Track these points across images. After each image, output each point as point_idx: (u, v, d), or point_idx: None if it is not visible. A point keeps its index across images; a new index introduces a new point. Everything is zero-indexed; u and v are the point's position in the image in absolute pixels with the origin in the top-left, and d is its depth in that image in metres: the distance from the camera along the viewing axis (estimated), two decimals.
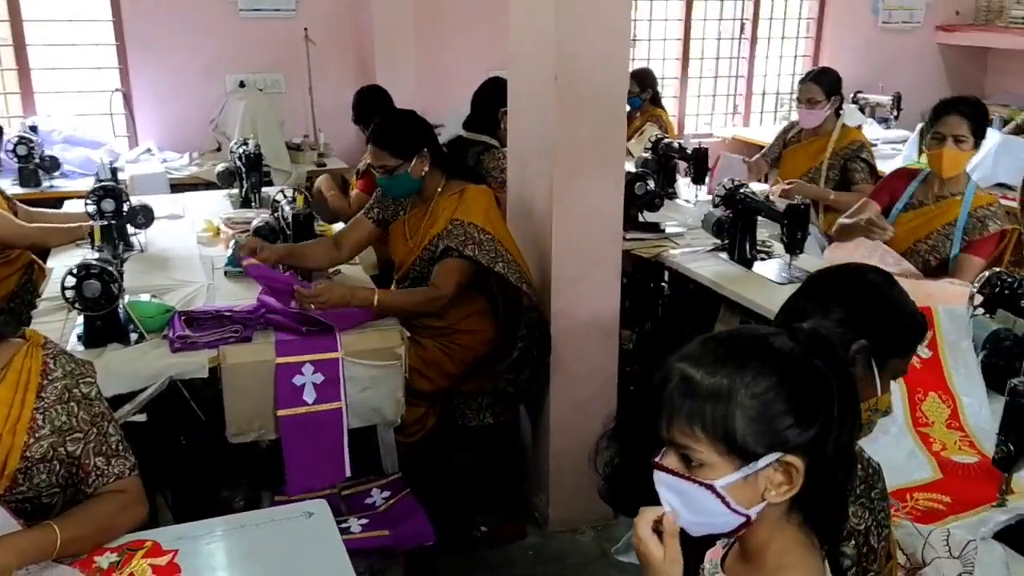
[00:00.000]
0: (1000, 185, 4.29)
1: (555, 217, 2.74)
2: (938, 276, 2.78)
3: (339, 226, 3.79)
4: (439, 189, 2.81)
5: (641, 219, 3.54)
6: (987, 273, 2.14)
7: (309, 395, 2.43)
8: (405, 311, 2.70)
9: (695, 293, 3.22)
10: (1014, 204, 3.87)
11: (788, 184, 3.81)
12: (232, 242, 3.03)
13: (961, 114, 2.84)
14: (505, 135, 3.32)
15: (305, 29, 5.11)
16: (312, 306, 2.44)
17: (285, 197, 3.04)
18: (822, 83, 3.96)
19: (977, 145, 2.86)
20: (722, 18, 6.39)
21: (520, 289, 2.73)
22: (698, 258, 3.22)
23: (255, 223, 3.03)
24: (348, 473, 2.50)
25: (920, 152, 4.73)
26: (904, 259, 2.84)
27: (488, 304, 2.91)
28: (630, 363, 3.88)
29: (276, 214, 3.03)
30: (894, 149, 5.32)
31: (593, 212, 2.77)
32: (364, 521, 2.48)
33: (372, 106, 3.83)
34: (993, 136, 4.56)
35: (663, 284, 3.81)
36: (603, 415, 2.84)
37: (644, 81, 5.27)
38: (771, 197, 3.49)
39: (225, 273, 2.94)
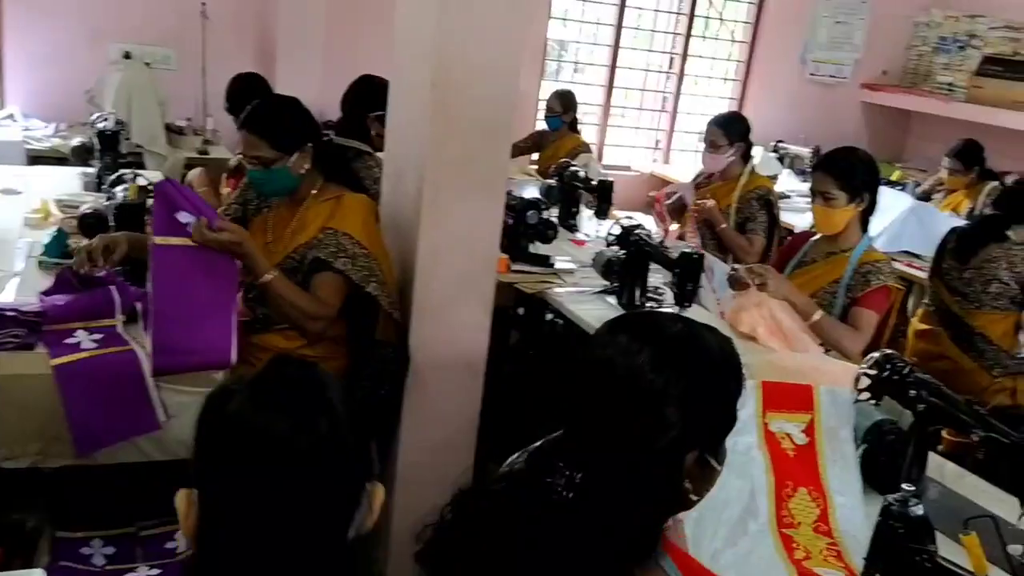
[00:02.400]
0: (906, 253, 4.17)
1: (421, 238, 2.44)
2: None
3: None
4: (313, 192, 2.49)
5: (532, 250, 3.27)
6: (877, 354, 1.92)
7: (87, 344, 2.09)
8: (288, 312, 2.35)
9: (584, 334, 2.96)
10: (914, 271, 3.76)
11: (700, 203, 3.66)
12: (56, 228, 2.64)
13: (826, 171, 2.70)
14: (379, 141, 3.01)
15: (203, 3, 4.72)
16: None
17: (123, 183, 2.66)
18: (726, 128, 3.80)
19: (855, 200, 2.68)
20: (651, 49, 6.23)
21: (390, 316, 2.43)
22: (584, 299, 2.96)
23: (83, 208, 2.64)
24: (162, 418, 2.08)
25: None
26: (795, 318, 2.63)
27: (347, 331, 2.59)
28: (511, 401, 3.62)
29: (109, 201, 2.65)
30: (807, 203, 5.17)
31: (465, 237, 2.48)
32: (154, 572, 2.12)
33: (250, 96, 3.47)
34: (904, 200, 4.46)
35: (556, 321, 3.56)
36: (459, 463, 2.57)
37: (568, 103, 5.05)
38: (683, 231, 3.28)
39: (40, 263, 2.55)
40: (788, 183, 5.51)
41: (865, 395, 1.91)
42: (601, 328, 1.16)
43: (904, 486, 1.26)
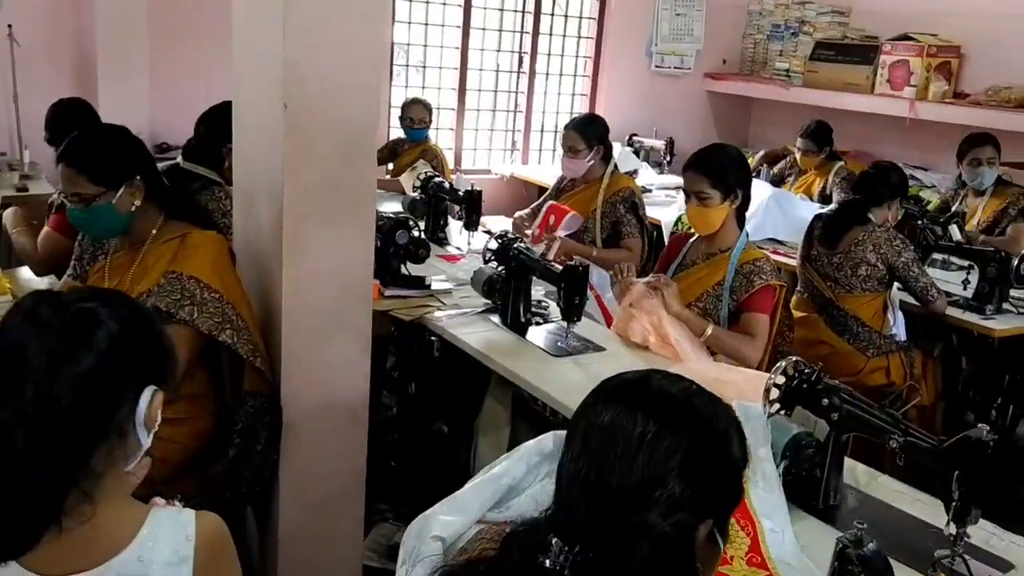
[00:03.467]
0: (771, 240, 4.22)
1: (284, 275, 2.19)
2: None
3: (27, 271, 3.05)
4: (154, 231, 2.20)
5: (404, 271, 3.06)
6: (784, 363, 1.85)
7: None
8: None
9: (465, 354, 2.79)
10: (786, 260, 3.80)
11: (552, 240, 3.51)
12: None
13: (698, 171, 2.65)
14: (231, 174, 2.74)
15: (9, 26, 4.22)
16: None
17: None
18: (584, 131, 3.70)
19: (730, 198, 2.64)
20: (500, 49, 6.11)
21: (252, 365, 2.17)
22: (466, 321, 2.78)
23: None
24: None
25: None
26: (683, 329, 2.56)
27: (211, 384, 2.31)
28: (391, 431, 3.41)
29: None
30: (668, 196, 5.22)
31: (336, 269, 2.25)
32: None
33: (73, 124, 3.09)
34: (763, 189, 4.52)
35: (432, 340, 3.37)
36: (348, 519, 2.33)
37: (431, 112, 4.86)
38: (548, 255, 3.14)
39: None
40: (647, 177, 5.52)
41: (776, 407, 1.83)
42: (591, 397, 1.10)
43: (856, 523, 1.16)
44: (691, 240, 2.84)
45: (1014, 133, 4.98)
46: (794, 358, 1.85)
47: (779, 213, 4.19)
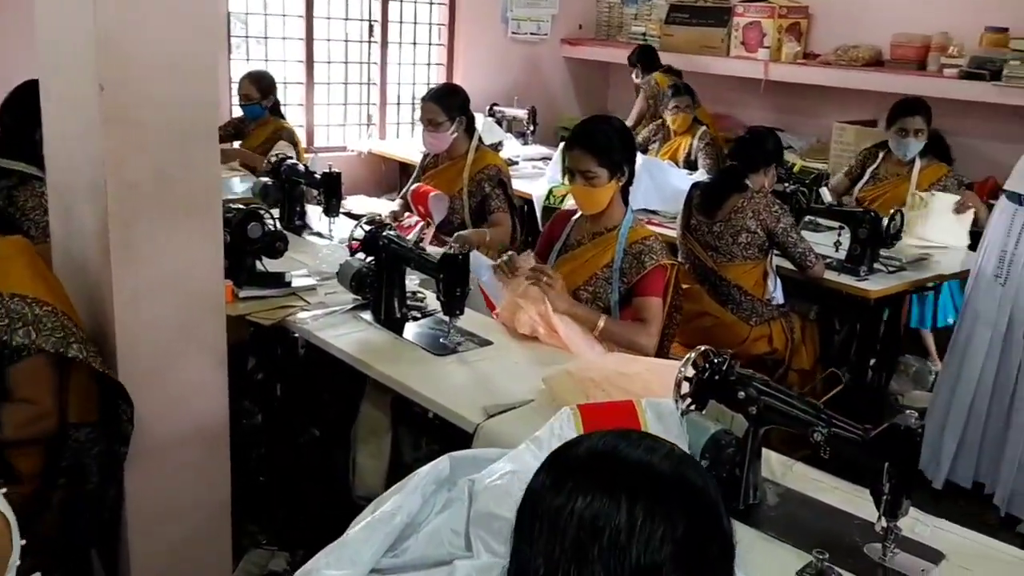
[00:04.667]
0: (644, 210, 4.12)
1: (117, 287, 1.86)
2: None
3: None
4: None
5: (260, 268, 2.74)
6: (693, 354, 1.69)
7: None
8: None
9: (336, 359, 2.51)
10: (664, 231, 3.70)
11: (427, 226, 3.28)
12: None
13: (584, 148, 2.47)
14: None
15: None
16: None
17: None
18: (442, 103, 3.45)
19: (616, 176, 2.49)
20: (348, 17, 5.74)
21: (89, 390, 1.85)
22: (335, 321, 2.50)
23: None
24: None
25: (564, 173, 4.49)
26: (572, 322, 2.39)
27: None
28: (256, 443, 3.09)
29: None
30: (535, 168, 5.05)
31: (178, 276, 1.94)
32: None
33: None
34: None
35: (296, 336, 3.06)
36: (214, 558, 2.03)
37: (265, 86, 4.45)
38: (423, 243, 2.90)
39: None
40: (512, 149, 5.34)
41: (688, 402, 1.68)
42: (548, 476, 0.91)
43: (815, 553, 1.01)
44: (574, 218, 2.67)
45: (863, 92, 5.11)
46: (703, 347, 1.70)
47: (650, 182, 4.08)
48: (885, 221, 3.31)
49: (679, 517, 0.83)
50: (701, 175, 4.48)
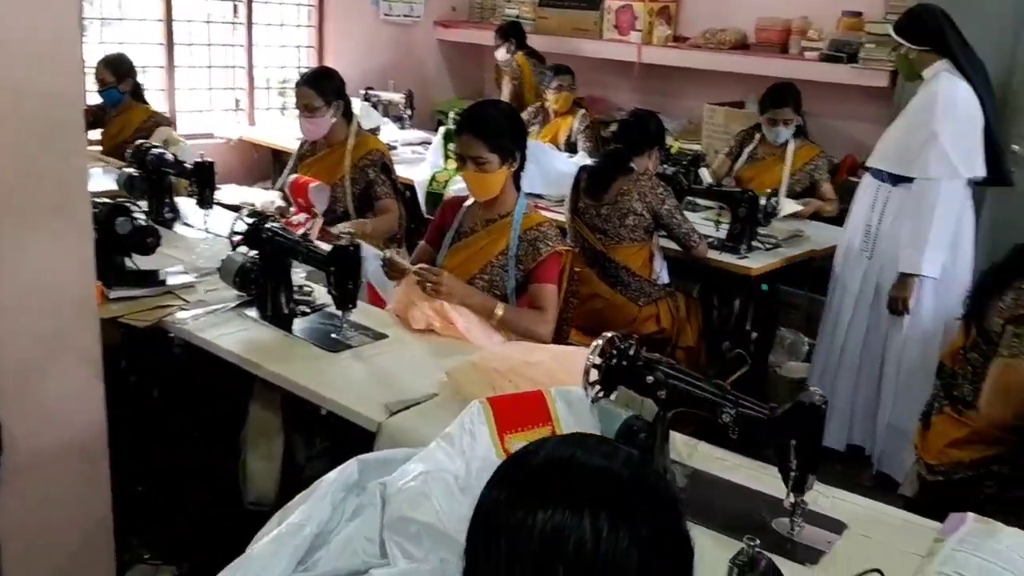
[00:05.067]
0: (530, 194, 4.11)
1: None
2: None
3: None
4: None
5: (131, 266, 2.56)
6: (600, 341, 1.69)
7: None
8: None
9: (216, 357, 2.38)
10: (553, 215, 3.70)
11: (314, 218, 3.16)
12: None
13: (474, 134, 2.43)
14: None
15: None
16: None
17: None
18: (317, 87, 3.33)
19: (508, 161, 2.47)
20: None
21: None
22: (219, 320, 2.37)
23: None
24: None
25: (447, 158, 4.43)
26: (469, 313, 2.35)
27: None
28: (135, 453, 2.90)
29: None
30: (415, 152, 4.97)
31: (44, 281, 1.78)
32: None
33: None
34: None
35: (171, 336, 2.88)
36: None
37: (122, 70, 4.18)
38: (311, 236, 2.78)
39: None
40: (390, 133, 5.22)
41: (597, 389, 1.67)
42: (502, 491, 0.87)
43: (746, 540, 1.01)
44: (466, 205, 2.62)
45: (731, 74, 5.27)
46: (609, 334, 1.69)
47: (534, 165, 4.05)
48: (763, 200, 3.43)
49: (643, 522, 0.81)
50: (582, 158, 4.51)
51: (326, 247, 2.33)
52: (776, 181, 4.00)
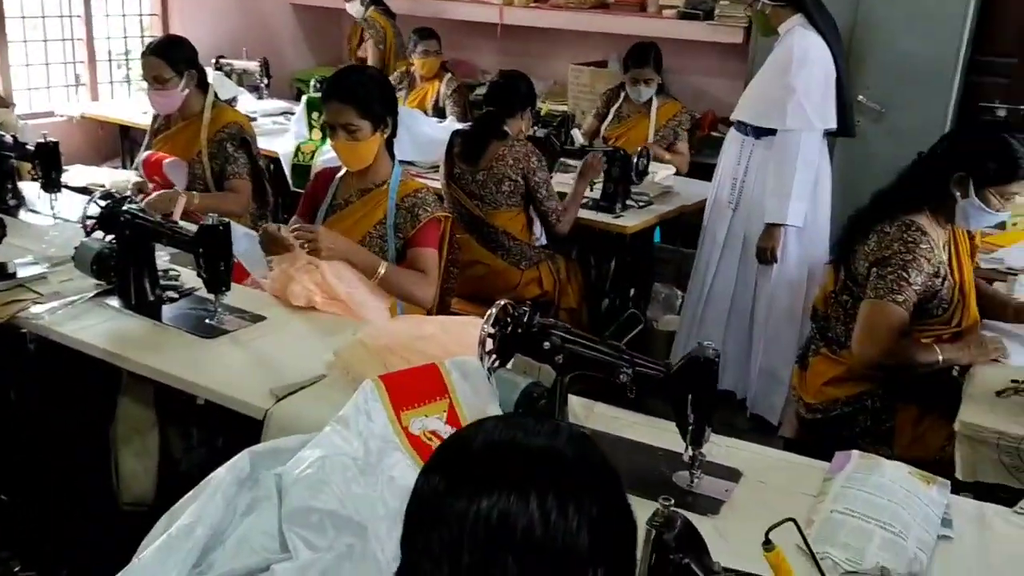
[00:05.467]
0: (401, 162, 4.01)
1: None
2: None
3: None
4: None
5: None
6: (494, 310, 1.66)
7: None
8: None
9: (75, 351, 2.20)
10: (429, 182, 3.63)
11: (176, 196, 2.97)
12: None
13: (342, 100, 2.33)
14: None
15: None
16: None
17: None
18: (167, 57, 3.10)
19: (380, 128, 2.39)
20: None
21: None
22: (77, 312, 2.19)
23: None
24: None
25: (311, 128, 4.28)
26: (352, 279, 2.27)
27: None
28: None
29: None
30: (276, 123, 4.76)
31: None
32: None
33: None
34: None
35: (23, 332, 2.65)
36: None
37: None
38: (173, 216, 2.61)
39: None
40: (247, 104, 4.97)
41: (493, 358, 1.64)
42: (440, 480, 0.81)
43: (661, 500, 1.01)
44: (339, 175, 2.52)
45: (593, 34, 5.30)
46: (502, 302, 1.67)
47: (404, 132, 3.93)
48: (634, 159, 3.47)
49: (591, 501, 0.78)
50: (452, 123, 4.44)
51: (191, 227, 2.19)
52: (643, 139, 4.06)
